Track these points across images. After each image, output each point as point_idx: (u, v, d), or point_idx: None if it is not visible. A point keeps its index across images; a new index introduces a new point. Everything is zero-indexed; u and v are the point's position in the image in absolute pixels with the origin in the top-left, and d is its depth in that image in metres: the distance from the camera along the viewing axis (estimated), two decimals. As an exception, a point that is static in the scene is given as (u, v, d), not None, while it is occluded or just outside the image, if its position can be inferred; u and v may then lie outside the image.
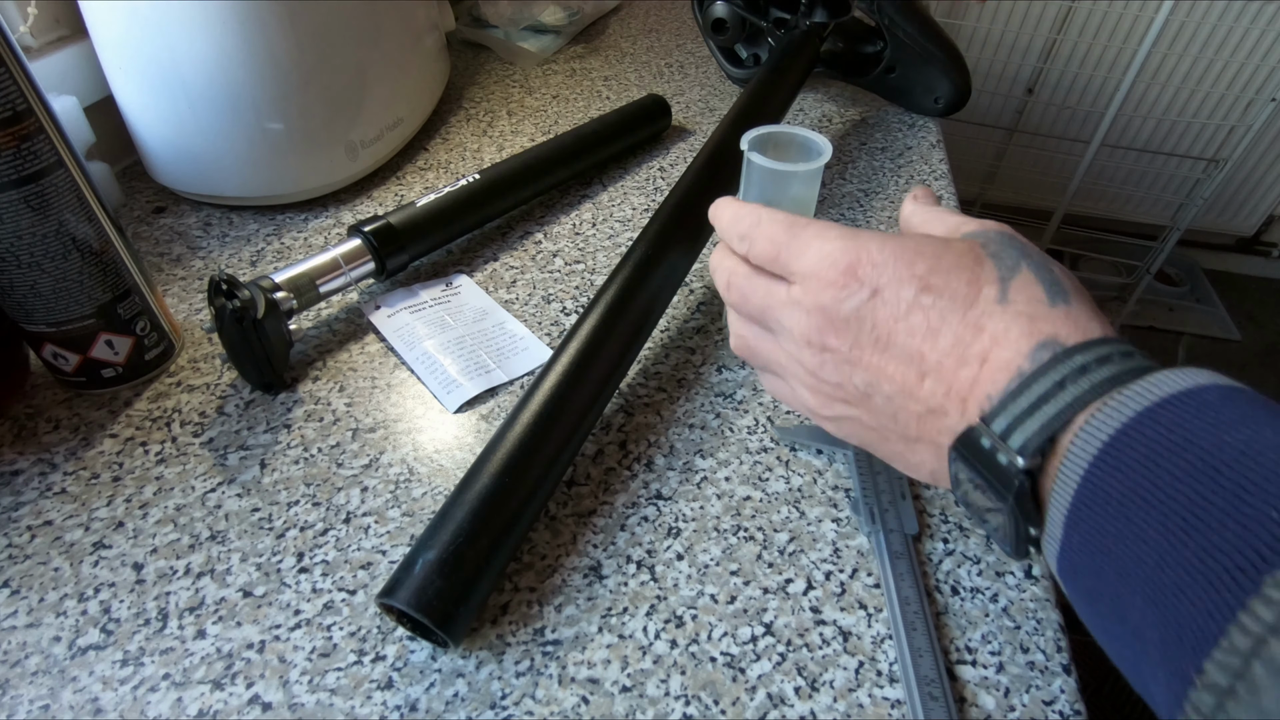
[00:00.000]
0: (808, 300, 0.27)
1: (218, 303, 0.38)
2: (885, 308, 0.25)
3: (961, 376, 0.24)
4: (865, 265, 0.26)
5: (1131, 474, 0.19)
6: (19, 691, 0.30)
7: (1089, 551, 0.20)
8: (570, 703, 0.30)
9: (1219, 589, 0.17)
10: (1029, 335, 0.23)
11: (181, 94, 0.50)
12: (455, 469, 0.39)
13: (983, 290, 0.24)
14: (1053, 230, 1.56)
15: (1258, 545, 0.17)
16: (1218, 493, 0.18)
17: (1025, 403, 0.22)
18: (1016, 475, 0.22)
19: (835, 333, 0.26)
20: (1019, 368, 0.22)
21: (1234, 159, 1.48)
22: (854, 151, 0.65)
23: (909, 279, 0.25)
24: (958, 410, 0.24)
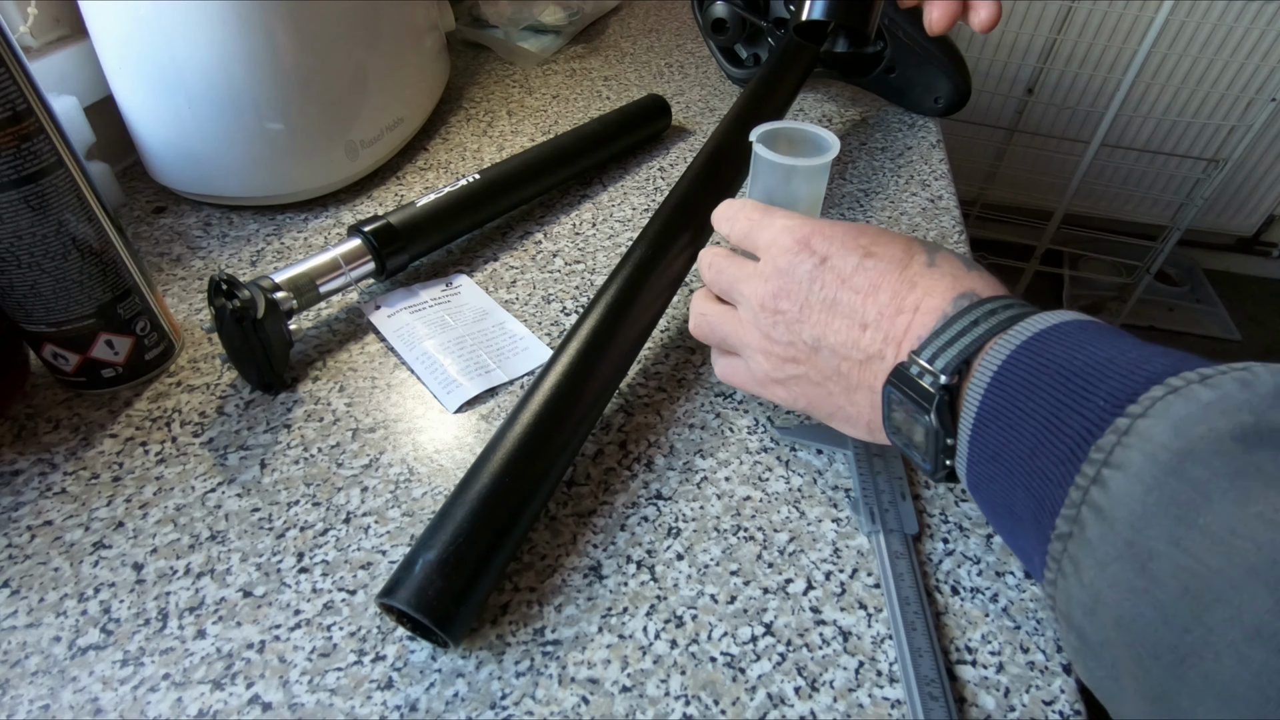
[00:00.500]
0: (767, 268, 0.33)
1: (218, 303, 0.38)
2: (833, 271, 0.31)
3: (898, 324, 0.29)
4: (817, 237, 0.32)
5: (1014, 392, 0.25)
6: (19, 691, 0.30)
7: (987, 459, 0.26)
8: (570, 703, 0.30)
9: (1063, 462, 0.22)
10: (953, 288, 0.29)
11: (181, 94, 0.50)
12: (455, 469, 0.39)
13: (914, 257, 0.30)
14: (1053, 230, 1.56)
15: (1088, 424, 0.22)
16: (1069, 395, 0.23)
17: (947, 337, 0.27)
18: (937, 390, 0.27)
19: (788, 296, 0.32)
20: (943, 311, 0.28)
21: (1234, 159, 1.48)
22: (854, 151, 0.65)
23: (854, 248, 0.31)
24: (894, 353, 0.29)
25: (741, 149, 0.54)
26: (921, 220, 0.57)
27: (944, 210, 0.58)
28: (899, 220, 0.57)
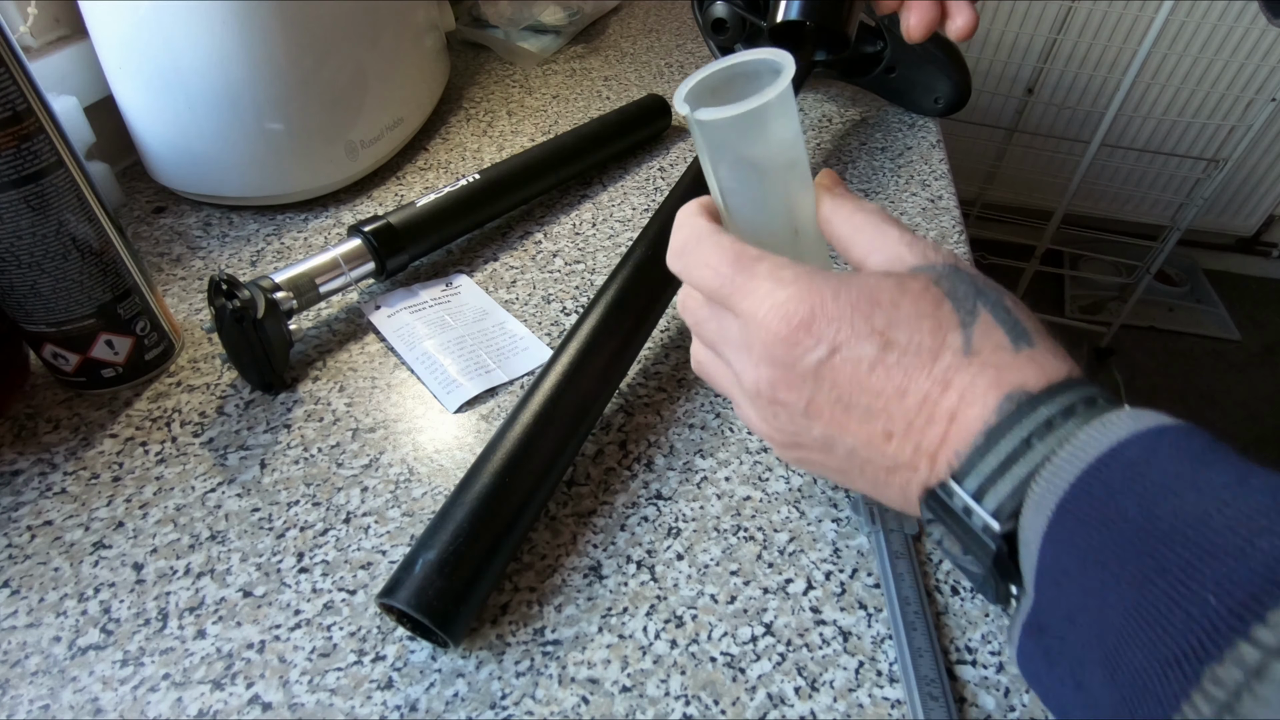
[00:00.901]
0: (757, 350, 0.25)
1: (218, 303, 0.38)
2: (846, 366, 0.24)
3: (930, 435, 0.23)
4: (820, 320, 0.24)
5: (1081, 552, 0.19)
6: (19, 691, 0.30)
7: (1057, 615, 0.20)
8: (570, 703, 0.30)
9: (1166, 670, 0.17)
10: (996, 387, 0.22)
11: (181, 94, 0.50)
12: (455, 469, 0.39)
13: (946, 339, 0.23)
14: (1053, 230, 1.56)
15: (1197, 632, 0.17)
16: (1160, 574, 0.18)
17: (994, 461, 0.21)
18: (994, 539, 0.21)
19: (788, 388, 0.25)
20: (986, 422, 0.22)
21: (1234, 159, 1.48)
22: (854, 151, 0.65)
23: (869, 334, 0.23)
24: (927, 466, 0.23)
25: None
26: (921, 220, 0.57)
27: (944, 210, 0.58)
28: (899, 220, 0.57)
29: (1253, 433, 1.61)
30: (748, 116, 0.25)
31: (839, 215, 0.27)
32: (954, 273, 0.24)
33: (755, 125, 0.25)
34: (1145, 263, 1.67)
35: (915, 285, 0.24)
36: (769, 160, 0.27)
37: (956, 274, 0.25)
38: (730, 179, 0.27)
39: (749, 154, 0.26)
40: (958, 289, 0.24)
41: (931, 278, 0.24)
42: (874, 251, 0.26)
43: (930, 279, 0.24)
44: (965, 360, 0.23)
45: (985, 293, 0.24)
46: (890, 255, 0.26)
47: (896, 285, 0.24)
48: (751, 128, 0.25)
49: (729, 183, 0.27)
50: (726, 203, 0.28)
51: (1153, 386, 1.71)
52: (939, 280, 0.24)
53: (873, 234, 0.26)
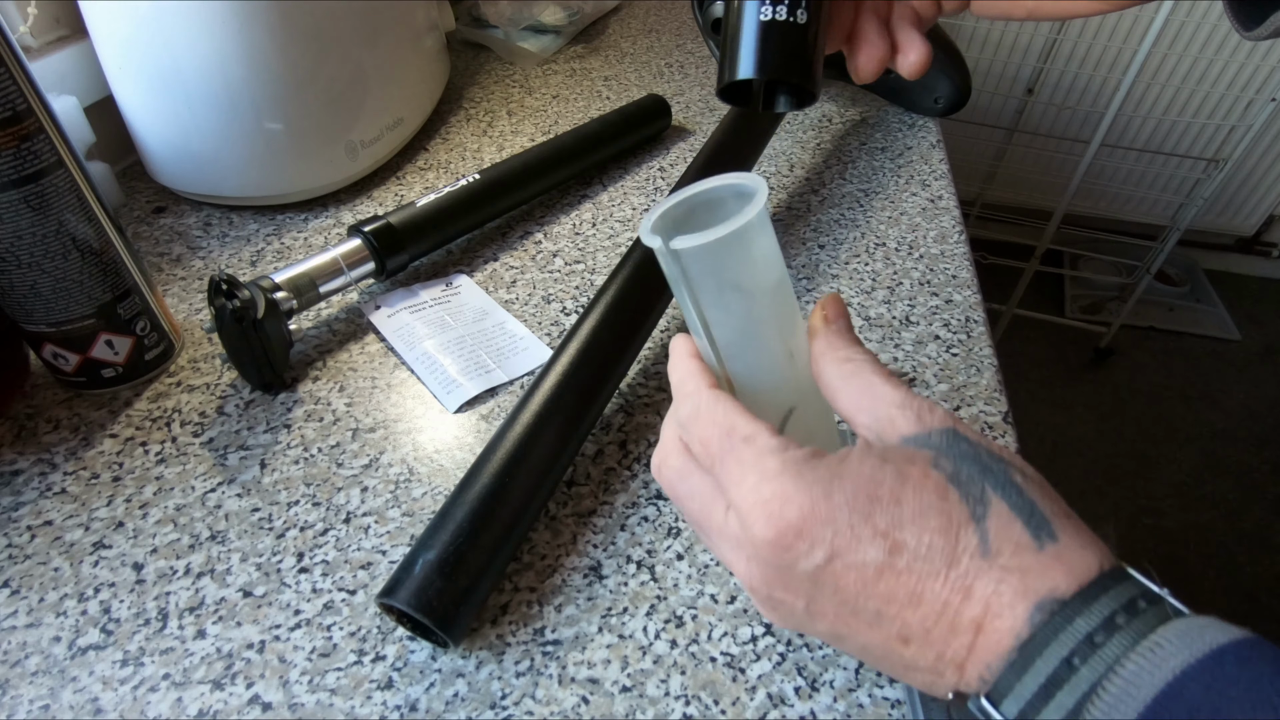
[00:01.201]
0: (747, 548, 0.23)
1: (218, 303, 0.38)
2: (849, 573, 0.21)
3: (955, 645, 0.21)
4: (812, 523, 0.21)
5: None
6: (19, 691, 0.30)
7: None
8: (570, 703, 0.30)
9: None
10: (1024, 595, 0.20)
11: (181, 94, 0.50)
12: (455, 469, 0.39)
13: (960, 540, 0.21)
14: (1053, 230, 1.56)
15: None
16: None
17: (1034, 684, 0.19)
18: None
19: (785, 589, 0.23)
20: (1017, 634, 0.20)
21: (1234, 159, 1.47)
22: (854, 151, 0.65)
23: (871, 536, 0.21)
24: (954, 674, 0.21)
25: (741, 149, 0.54)
26: (921, 220, 0.57)
27: (944, 210, 0.58)
28: (899, 220, 0.57)
29: (1253, 433, 1.61)
30: (730, 239, 0.23)
31: (828, 359, 0.25)
32: (953, 444, 0.22)
33: (739, 248, 0.23)
34: (1145, 263, 1.67)
35: (915, 472, 0.22)
36: (755, 284, 0.24)
37: (956, 446, 0.22)
38: (715, 310, 0.24)
39: (734, 279, 0.24)
40: (961, 471, 0.22)
41: (930, 458, 0.22)
42: (862, 410, 0.24)
43: (929, 461, 0.22)
44: (984, 564, 0.20)
45: (992, 470, 0.22)
46: (880, 416, 0.24)
47: (895, 475, 0.21)
48: (735, 251, 0.23)
49: (714, 313, 0.24)
50: (713, 336, 0.25)
51: (1153, 386, 1.72)
52: (939, 461, 0.22)
53: (861, 388, 0.24)
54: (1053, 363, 1.76)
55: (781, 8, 0.26)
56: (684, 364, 0.27)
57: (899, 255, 0.53)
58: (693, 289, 0.24)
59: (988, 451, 0.22)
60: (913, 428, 0.23)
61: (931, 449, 0.22)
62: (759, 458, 0.22)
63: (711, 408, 0.24)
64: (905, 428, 0.23)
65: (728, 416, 0.24)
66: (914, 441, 0.23)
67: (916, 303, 0.49)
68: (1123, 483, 1.51)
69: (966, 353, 0.46)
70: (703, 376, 0.26)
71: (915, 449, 0.22)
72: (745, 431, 0.23)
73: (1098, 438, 1.60)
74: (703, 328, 0.25)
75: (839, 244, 0.54)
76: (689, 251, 0.23)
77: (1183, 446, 1.58)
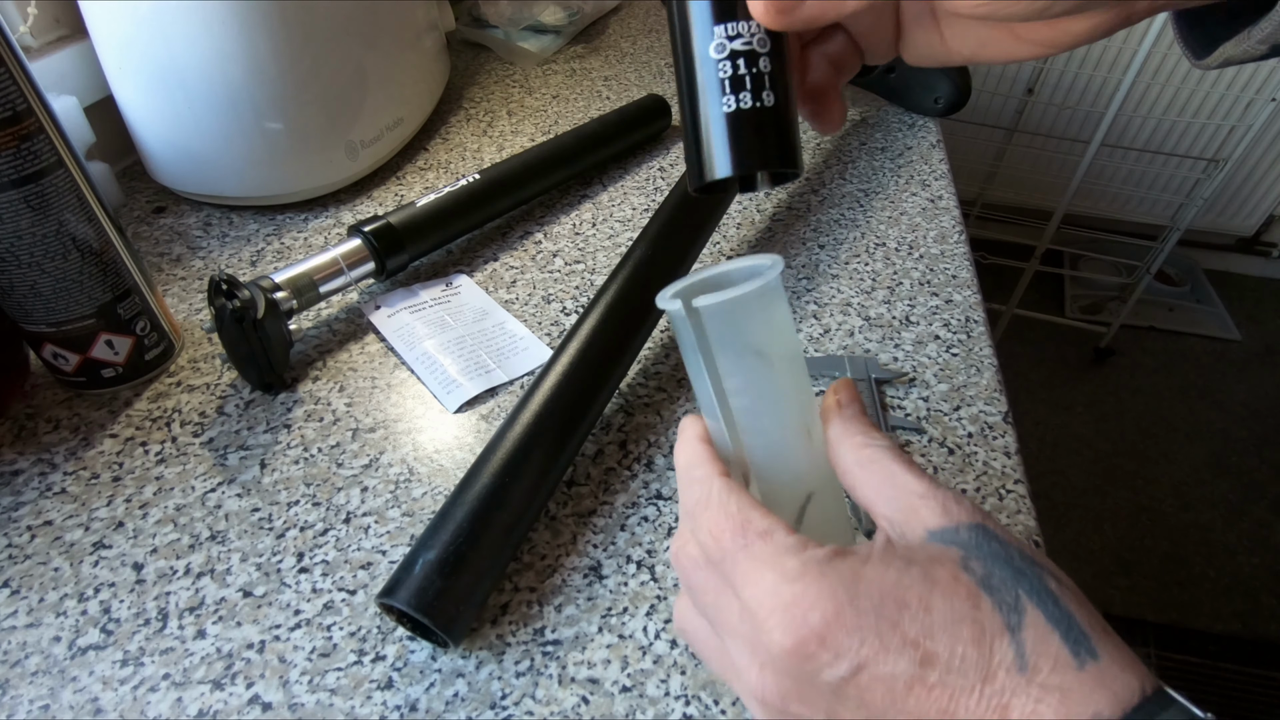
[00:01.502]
0: (762, 653, 0.21)
1: (218, 303, 0.38)
2: (876, 686, 0.20)
3: None
4: (838, 631, 0.20)
5: None
6: (19, 691, 0.30)
7: None
8: (570, 703, 0.30)
9: None
10: (1065, 711, 0.19)
11: (181, 94, 0.50)
12: (455, 469, 0.39)
13: (994, 651, 0.19)
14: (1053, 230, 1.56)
15: None
16: None
17: None
18: None
19: (803, 702, 0.21)
20: None
21: (1234, 159, 1.47)
22: (854, 151, 0.65)
23: (900, 646, 0.20)
24: None
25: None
26: (921, 220, 0.57)
27: (944, 210, 0.58)
28: (899, 220, 0.57)
29: (1253, 433, 1.61)
30: (750, 299, 0.22)
31: (846, 445, 0.24)
32: (983, 542, 0.21)
33: (759, 310, 0.23)
34: (1145, 263, 1.67)
35: (944, 575, 0.20)
36: (774, 350, 0.24)
37: (987, 545, 0.21)
38: (734, 377, 0.24)
39: (754, 343, 0.23)
40: (993, 574, 0.20)
41: (959, 559, 0.21)
42: (883, 500, 0.23)
43: (958, 562, 0.21)
44: (1022, 680, 0.19)
45: (1025, 574, 0.20)
46: (902, 507, 0.22)
47: (923, 578, 0.20)
48: (755, 313, 0.23)
49: (733, 380, 0.24)
50: (730, 407, 0.24)
51: (1153, 386, 1.72)
52: (968, 563, 0.21)
53: (882, 477, 0.23)
54: (1053, 363, 1.76)
55: (745, 94, 0.22)
56: (691, 447, 0.25)
57: (899, 255, 0.53)
58: (711, 353, 0.23)
59: (1019, 553, 0.21)
60: (938, 521, 0.22)
61: (959, 547, 0.21)
62: (777, 556, 0.21)
63: (723, 498, 0.23)
64: (930, 520, 0.22)
65: (741, 509, 0.22)
66: (940, 537, 0.21)
67: (916, 303, 0.49)
68: (1123, 483, 1.51)
69: (966, 353, 0.46)
70: (713, 463, 0.24)
71: (942, 547, 0.21)
72: (760, 526, 0.22)
73: (1098, 438, 1.60)
74: (718, 400, 0.24)
75: (839, 244, 0.54)
76: (710, 309, 0.23)
77: (1183, 446, 1.58)
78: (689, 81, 0.23)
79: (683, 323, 0.23)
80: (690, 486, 0.24)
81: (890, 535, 0.22)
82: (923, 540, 0.21)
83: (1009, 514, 0.37)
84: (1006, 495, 0.38)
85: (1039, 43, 0.23)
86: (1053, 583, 0.20)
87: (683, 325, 0.23)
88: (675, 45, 0.23)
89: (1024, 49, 0.24)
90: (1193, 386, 1.72)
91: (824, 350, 0.45)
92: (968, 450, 0.40)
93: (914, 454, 0.40)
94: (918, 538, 0.22)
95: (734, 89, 0.22)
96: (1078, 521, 1.44)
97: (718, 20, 0.22)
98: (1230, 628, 1.27)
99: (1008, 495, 0.38)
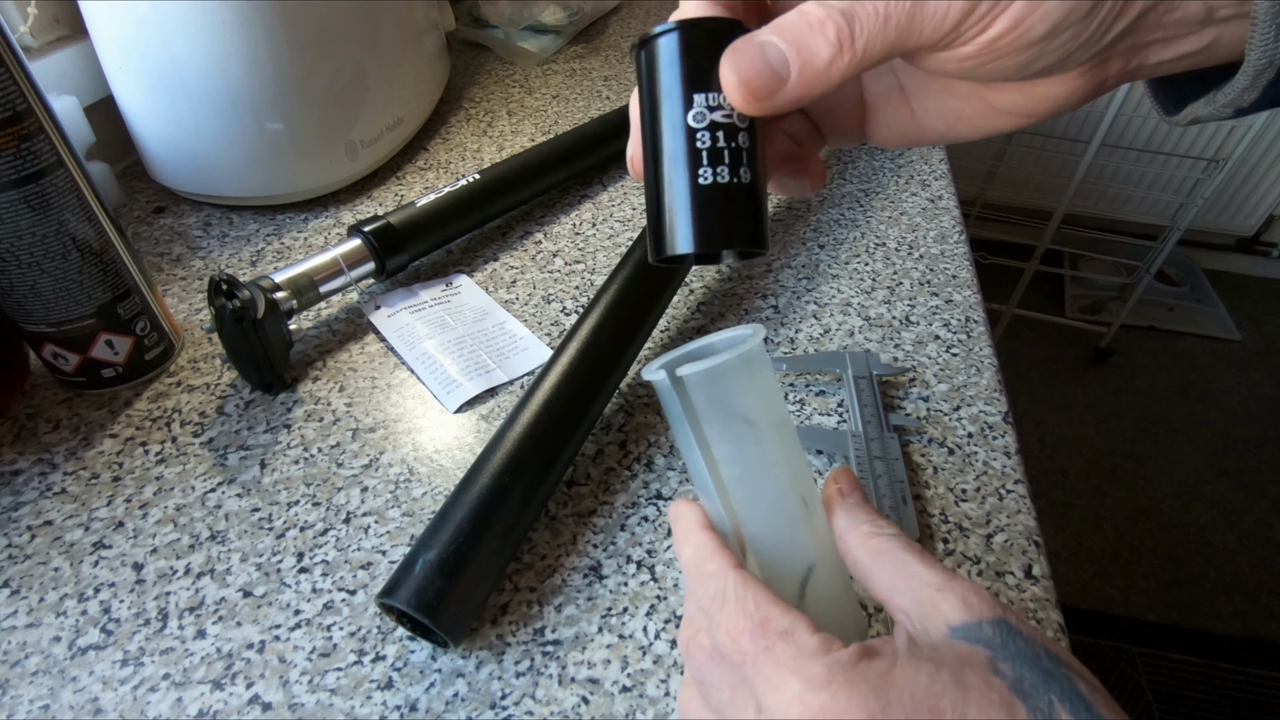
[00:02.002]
0: None
1: (218, 303, 0.38)
2: None
3: None
4: None
5: None
6: (19, 691, 0.30)
7: None
8: (570, 703, 0.30)
9: None
10: None
11: (181, 94, 0.50)
12: (455, 469, 0.39)
13: None
14: (1053, 230, 1.56)
15: None
16: None
17: None
18: None
19: None
20: None
21: (1234, 159, 1.47)
22: (854, 151, 0.65)
23: None
24: None
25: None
26: (921, 220, 0.57)
27: (944, 210, 0.58)
28: (899, 220, 0.57)
29: (1253, 433, 1.61)
30: (733, 365, 0.22)
31: (854, 536, 0.24)
32: (1009, 640, 0.21)
33: (743, 375, 0.23)
34: (1145, 263, 1.67)
35: (976, 680, 0.20)
36: (762, 417, 0.23)
37: (1013, 643, 0.21)
38: (724, 445, 0.23)
39: (741, 410, 0.23)
40: (1024, 678, 0.20)
41: (987, 661, 0.20)
42: (899, 593, 0.22)
43: (987, 665, 0.20)
44: None
45: (1055, 677, 0.20)
46: (920, 599, 0.22)
47: (954, 683, 0.20)
48: (739, 379, 0.23)
49: (723, 448, 0.23)
50: (722, 477, 0.24)
51: (1153, 386, 1.72)
52: (997, 666, 0.20)
53: (896, 569, 0.23)
54: (1053, 363, 1.76)
55: (722, 169, 0.21)
56: (696, 538, 0.24)
57: (899, 255, 0.53)
58: (699, 424, 0.23)
59: (1046, 651, 0.20)
60: (960, 616, 0.21)
61: (985, 645, 0.20)
62: (800, 660, 0.20)
63: (740, 594, 0.22)
64: (952, 615, 0.21)
65: (760, 605, 0.22)
66: (964, 633, 0.21)
67: (916, 303, 0.49)
68: (1123, 483, 1.51)
69: (966, 353, 0.46)
70: (724, 554, 0.23)
71: (969, 646, 0.20)
72: (781, 625, 0.21)
73: (1098, 438, 1.60)
74: (710, 472, 0.24)
75: (839, 244, 0.54)
76: (694, 377, 0.22)
77: (1183, 446, 1.58)
78: (656, 147, 0.21)
79: (669, 394, 0.23)
80: (704, 582, 0.23)
81: (910, 630, 0.22)
82: (945, 637, 0.21)
83: (1009, 514, 0.37)
84: (1006, 495, 0.38)
85: (1014, 112, 0.23)
86: (1083, 685, 0.20)
87: (669, 396, 0.23)
88: (644, 105, 0.22)
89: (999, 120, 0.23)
90: (1193, 386, 1.72)
91: (823, 350, 0.45)
92: (968, 450, 0.40)
93: (914, 454, 0.40)
94: (940, 634, 0.21)
95: (711, 162, 0.21)
96: (1078, 521, 1.44)
97: (698, 88, 0.21)
98: (1230, 628, 1.27)
99: (1008, 495, 0.38)
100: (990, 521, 0.37)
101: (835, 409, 0.42)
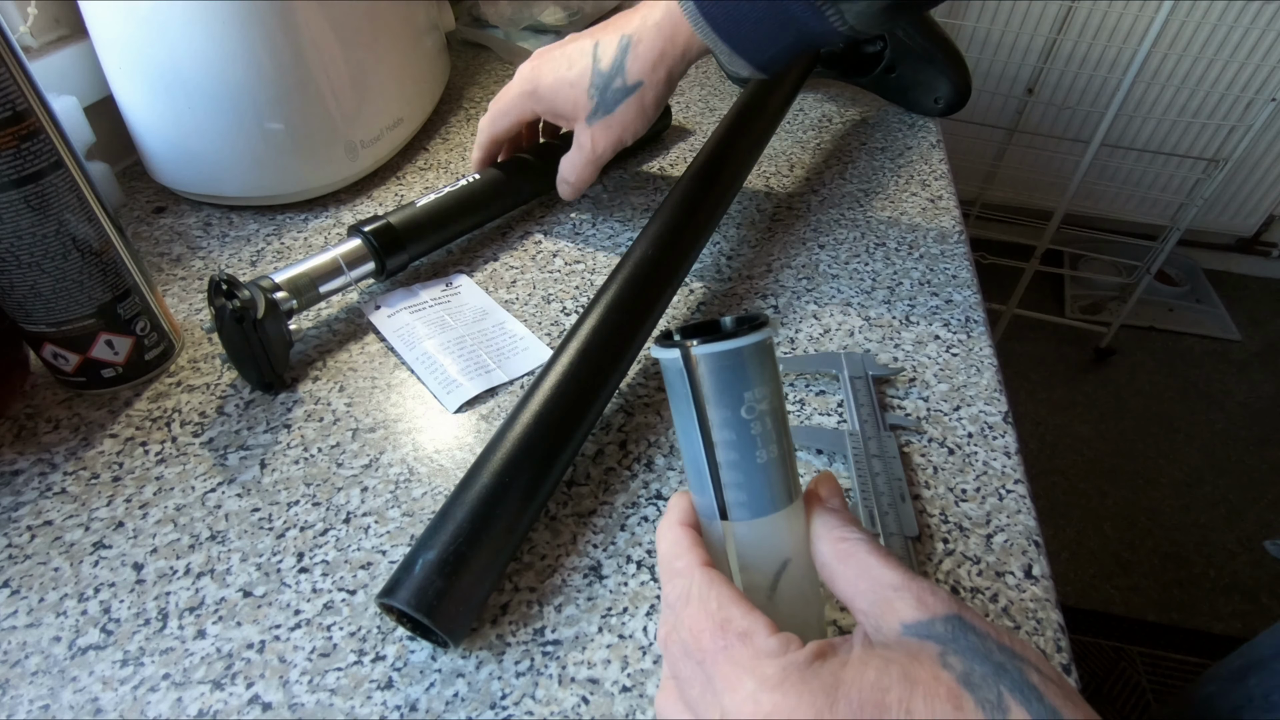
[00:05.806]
0: None
1: (218, 303, 0.38)
2: None
3: None
4: None
5: None
6: (19, 691, 0.30)
7: None
8: (570, 703, 0.30)
9: None
10: None
11: (181, 94, 0.50)
12: (455, 469, 0.39)
13: None
14: (1053, 230, 1.56)
15: None
16: None
17: None
18: None
19: None
20: None
21: (1234, 159, 1.47)
22: (854, 151, 0.65)
23: None
24: None
25: (741, 148, 0.54)
26: (921, 220, 0.57)
27: (944, 210, 0.58)
28: (899, 220, 0.57)
29: (1253, 433, 1.61)
30: (748, 350, 0.23)
31: (825, 539, 0.24)
32: (959, 634, 0.21)
33: (755, 361, 0.23)
34: (1145, 263, 1.67)
35: (924, 674, 0.20)
36: (766, 405, 0.24)
37: (964, 637, 0.21)
38: (724, 429, 0.24)
39: (748, 396, 0.24)
40: (973, 671, 0.20)
41: (937, 654, 0.20)
42: (859, 594, 0.23)
43: (936, 658, 0.20)
44: None
45: (1006, 669, 0.20)
46: (878, 600, 0.22)
47: (902, 678, 0.20)
48: (751, 364, 0.23)
49: (722, 433, 0.24)
50: (720, 461, 0.24)
51: (1153, 386, 1.72)
52: (946, 659, 0.20)
53: (858, 570, 0.23)
54: (1053, 363, 1.76)
55: (772, 446, 0.24)
56: (673, 533, 0.25)
57: (899, 255, 0.53)
58: (703, 403, 0.24)
59: (998, 644, 0.21)
60: (913, 614, 0.21)
61: (936, 640, 0.21)
62: (756, 661, 0.21)
63: (704, 593, 0.23)
64: (905, 613, 0.22)
65: (722, 605, 0.22)
66: (916, 630, 0.21)
67: (916, 303, 0.49)
68: (1123, 483, 1.51)
69: (966, 353, 0.46)
70: (693, 551, 0.24)
71: (919, 642, 0.21)
72: (740, 626, 0.22)
73: (1098, 438, 1.60)
74: (706, 457, 0.24)
75: (839, 244, 0.54)
76: (709, 356, 0.23)
77: (1183, 446, 1.58)
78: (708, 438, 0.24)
79: (674, 371, 0.23)
80: (673, 579, 0.24)
81: (867, 630, 0.22)
82: (898, 634, 0.21)
83: (1009, 514, 0.37)
84: (1006, 495, 0.38)
85: None
86: (1035, 675, 0.20)
87: (674, 374, 0.24)
88: (696, 407, 0.24)
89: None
90: (1193, 386, 1.72)
91: (823, 350, 0.45)
92: (968, 450, 0.40)
93: (914, 454, 0.40)
94: (893, 632, 0.21)
95: (764, 443, 0.24)
96: (1078, 521, 1.44)
97: (744, 386, 0.23)
98: (1230, 628, 1.28)
99: (1008, 495, 0.38)
100: (990, 521, 0.37)
101: (835, 409, 0.42)
